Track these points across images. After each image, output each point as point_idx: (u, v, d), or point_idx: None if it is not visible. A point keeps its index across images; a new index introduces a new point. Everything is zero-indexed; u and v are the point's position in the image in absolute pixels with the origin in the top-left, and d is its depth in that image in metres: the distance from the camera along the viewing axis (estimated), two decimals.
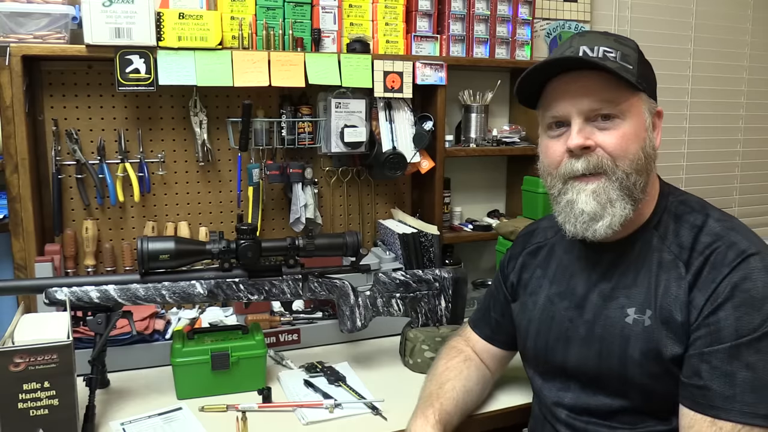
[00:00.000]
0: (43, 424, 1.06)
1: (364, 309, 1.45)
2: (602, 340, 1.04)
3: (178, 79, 1.64)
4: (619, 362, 1.01)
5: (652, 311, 0.99)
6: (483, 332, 1.31)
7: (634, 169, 0.99)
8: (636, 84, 0.97)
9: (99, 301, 1.26)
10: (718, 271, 0.94)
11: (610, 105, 0.98)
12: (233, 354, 1.36)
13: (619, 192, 0.99)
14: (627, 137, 0.99)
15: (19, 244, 1.58)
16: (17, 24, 1.53)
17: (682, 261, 0.99)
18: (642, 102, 1.01)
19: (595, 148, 0.99)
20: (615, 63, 0.97)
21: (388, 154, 1.91)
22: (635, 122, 1.00)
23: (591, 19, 2.45)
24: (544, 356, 1.14)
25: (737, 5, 2.81)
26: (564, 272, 1.14)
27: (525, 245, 1.26)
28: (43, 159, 1.70)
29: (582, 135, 0.99)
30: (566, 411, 1.10)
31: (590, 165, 0.99)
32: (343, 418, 1.28)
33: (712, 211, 1.03)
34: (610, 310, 1.04)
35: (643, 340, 0.99)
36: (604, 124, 0.99)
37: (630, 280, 1.03)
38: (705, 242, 0.98)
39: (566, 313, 1.11)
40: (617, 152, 0.98)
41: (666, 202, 1.06)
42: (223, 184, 1.89)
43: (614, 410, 1.04)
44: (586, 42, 1.00)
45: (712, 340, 0.92)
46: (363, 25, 1.90)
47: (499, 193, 2.37)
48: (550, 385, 1.15)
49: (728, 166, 2.93)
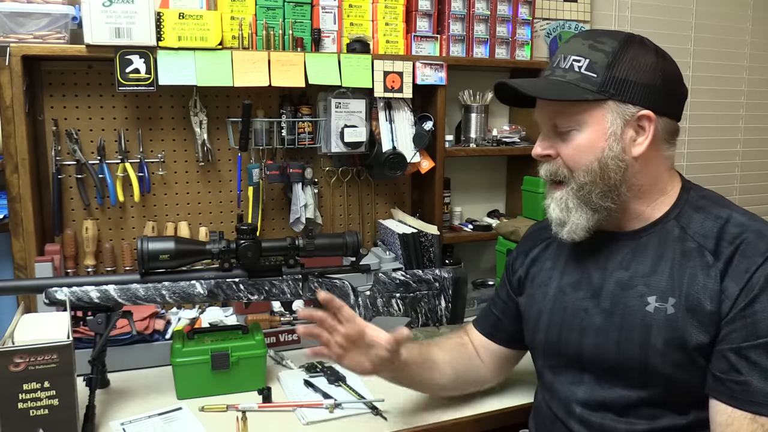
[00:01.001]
0: (43, 424, 1.06)
1: (364, 309, 1.45)
2: (621, 330, 1.03)
3: (178, 79, 1.64)
4: (641, 351, 1.00)
5: (676, 299, 0.98)
6: (483, 329, 1.31)
7: (589, 180, 1.01)
8: (583, 97, 0.98)
9: (99, 301, 1.26)
10: (751, 260, 0.94)
11: (563, 117, 1.02)
12: (233, 354, 1.36)
13: (576, 201, 1.03)
14: (579, 149, 1.01)
15: (19, 244, 1.58)
16: (17, 24, 1.53)
17: (708, 250, 0.98)
18: (606, 111, 0.99)
19: (556, 157, 1.05)
20: (576, 73, 1.00)
21: (388, 154, 1.91)
22: (592, 133, 1.00)
23: (591, 19, 2.45)
24: (556, 348, 1.12)
25: (737, 5, 2.81)
26: (576, 263, 1.13)
27: (534, 240, 1.25)
28: (43, 159, 1.70)
29: (543, 144, 1.06)
30: (580, 406, 1.08)
31: (548, 172, 1.06)
32: (343, 418, 1.28)
33: (735, 207, 1.04)
34: (629, 299, 1.03)
35: (666, 329, 0.98)
36: (563, 136, 1.03)
37: (648, 268, 1.03)
38: (733, 232, 0.97)
39: (581, 303, 1.09)
40: (570, 163, 1.03)
41: (687, 196, 1.06)
42: (223, 184, 1.89)
43: (632, 403, 1.03)
44: (565, 49, 1.04)
45: (748, 333, 0.91)
46: (363, 25, 1.90)
47: (499, 193, 2.37)
48: (561, 379, 1.12)
49: (728, 166, 2.94)
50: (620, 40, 1.01)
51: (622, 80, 0.99)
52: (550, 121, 1.04)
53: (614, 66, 0.99)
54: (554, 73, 1.03)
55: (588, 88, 0.99)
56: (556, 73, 1.03)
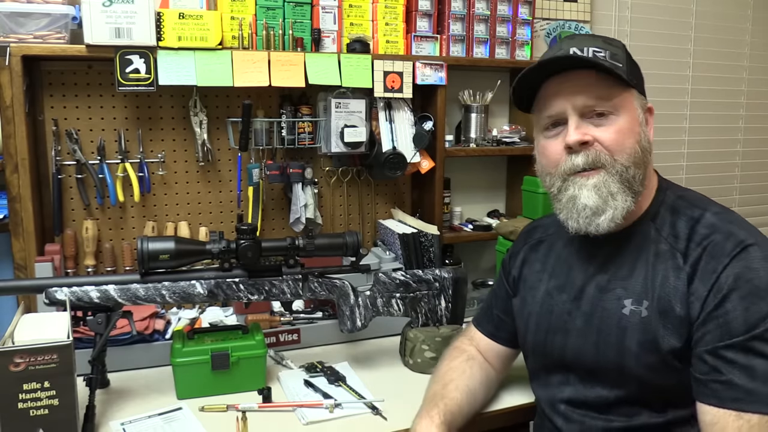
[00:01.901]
0: (43, 424, 1.06)
1: (364, 309, 1.45)
2: (599, 332, 1.05)
3: (178, 79, 1.64)
4: (617, 353, 1.02)
5: (649, 302, 1.00)
6: (486, 329, 1.31)
7: (632, 162, 1.01)
8: (627, 80, 1.00)
9: (99, 301, 1.26)
10: (718, 260, 0.95)
11: (603, 101, 1.01)
12: (233, 354, 1.36)
13: (620, 185, 1.01)
14: (623, 131, 1.01)
15: (19, 244, 1.58)
16: (17, 24, 1.53)
17: (679, 251, 1.00)
18: (634, 98, 1.04)
19: (593, 143, 1.01)
20: (605, 61, 1.00)
21: (388, 154, 1.91)
22: (629, 117, 1.02)
23: (591, 19, 2.45)
24: (542, 349, 1.15)
25: (737, 5, 2.81)
26: (563, 266, 1.15)
27: (526, 240, 1.27)
28: (43, 159, 1.70)
29: (579, 131, 1.01)
30: (564, 404, 1.11)
31: (589, 159, 1.01)
32: (343, 418, 1.28)
33: (711, 206, 1.04)
34: (607, 302, 1.05)
35: (640, 331, 1.00)
36: (599, 120, 1.02)
37: (626, 271, 1.04)
38: (702, 233, 0.99)
39: (564, 305, 1.12)
40: (614, 146, 1.01)
41: (664, 196, 1.08)
42: (223, 184, 1.89)
43: (610, 402, 1.05)
44: (575, 44, 1.03)
45: (722, 333, 0.92)
46: (363, 25, 1.90)
47: (499, 193, 2.37)
48: (551, 379, 1.15)
49: (728, 166, 2.93)
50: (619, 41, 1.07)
51: (636, 73, 1.05)
52: (586, 106, 1.01)
53: (630, 61, 1.04)
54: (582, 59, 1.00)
55: (623, 75, 1.00)
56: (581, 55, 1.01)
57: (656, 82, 2.64)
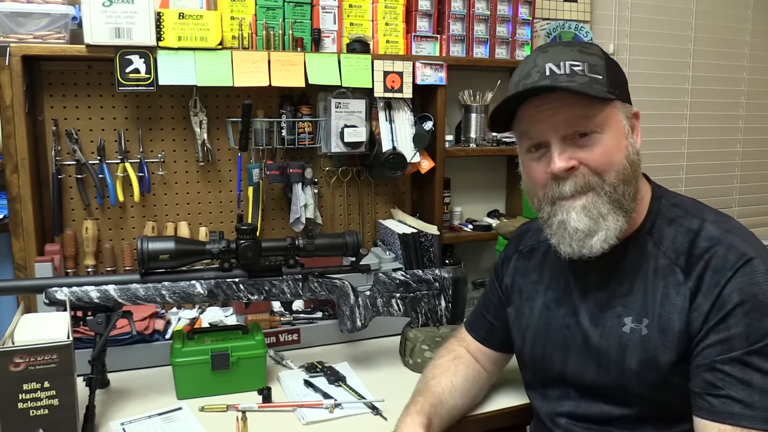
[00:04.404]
0: (43, 424, 1.06)
1: (364, 309, 1.45)
2: (599, 350, 1.03)
3: (178, 79, 1.64)
4: (617, 372, 1.01)
5: (649, 320, 0.98)
6: (478, 334, 1.30)
7: (622, 180, 0.97)
8: (606, 96, 0.96)
9: (99, 301, 1.26)
10: (721, 274, 0.93)
11: (585, 120, 0.96)
12: (233, 354, 1.36)
13: (609, 206, 0.97)
14: (609, 150, 0.97)
15: (19, 244, 1.58)
16: (17, 24, 1.53)
17: (680, 267, 0.98)
18: (617, 110, 0.99)
19: (578, 167, 0.97)
20: (584, 77, 0.96)
21: (388, 154, 1.91)
22: (614, 132, 0.98)
23: (591, 19, 2.45)
24: (541, 363, 1.14)
25: (737, 5, 2.81)
26: (559, 279, 1.13)
27: (517, 246, 1.25)
28: (43, 159, 1.70)
29: (563, 157, 0.97)
30: (565, 418, 1.10)
31: (577, 186, 0.98)
32: (343, 418, 1.28)
33: (707, 214, 1.02)
34: (607, 320, 1.03)
35: (641, 350, 0.98)
36: (583, 141, 0.97)
37: (626, 288, 1.02)
38: (703, 246, 0.96)
39: (563, 320, 1.10)
40: (601, 167, 0.97)
41: (658, 205, 1.04)
42: (223, 184, 1.89)
43: (614, 417, 1.04)
44: (550, 58, 0.97)
45: (722, 349, 0.91)
46: (363, 25, 1.90)
47: (499, 193, 2.37)
48: (549, 392, 1.14)
49: (728, 166, 2.93)
50: (596, 45, 1.02)
51: (619, 81, 1.01)
52: (567, 129, 0.97)
53: (610, 68, 1.00)
54: (557, 80, 0.96)
55: (602, 89, 0.96)
56: (560, 79, 0.96)
57: (656, 82, 2.64)
